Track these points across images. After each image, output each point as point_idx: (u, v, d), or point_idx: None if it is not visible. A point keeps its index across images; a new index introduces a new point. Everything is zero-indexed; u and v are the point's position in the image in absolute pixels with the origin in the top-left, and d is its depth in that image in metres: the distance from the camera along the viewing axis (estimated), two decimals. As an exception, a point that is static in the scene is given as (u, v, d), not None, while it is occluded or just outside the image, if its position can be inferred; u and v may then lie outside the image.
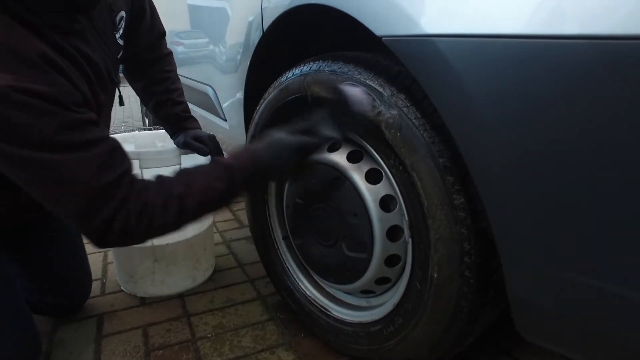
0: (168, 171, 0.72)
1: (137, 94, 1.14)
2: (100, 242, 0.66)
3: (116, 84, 0.87)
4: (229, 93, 1.31)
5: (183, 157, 1.11)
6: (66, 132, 0.58)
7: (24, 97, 0.54)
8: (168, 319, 1.10)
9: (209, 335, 1.03)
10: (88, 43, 0.71)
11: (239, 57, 1.17)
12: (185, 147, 1.09)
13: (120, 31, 0.85)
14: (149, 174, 1.06)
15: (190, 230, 1.19)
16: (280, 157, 0.71)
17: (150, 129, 1.47)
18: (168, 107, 1.10)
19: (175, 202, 0.66)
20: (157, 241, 1.14)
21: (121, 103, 0.94)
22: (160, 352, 0.98)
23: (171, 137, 1.14)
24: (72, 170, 0.59)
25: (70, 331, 1.06)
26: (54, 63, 0.60)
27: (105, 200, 0.62)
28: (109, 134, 0.67)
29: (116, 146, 0.66)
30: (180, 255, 1.20)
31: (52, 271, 1.04)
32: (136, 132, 1.34)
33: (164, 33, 1.08)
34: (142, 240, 0.69)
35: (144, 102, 1.16)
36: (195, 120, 1.15)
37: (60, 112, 0.58)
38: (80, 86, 0.65)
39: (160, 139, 1.31)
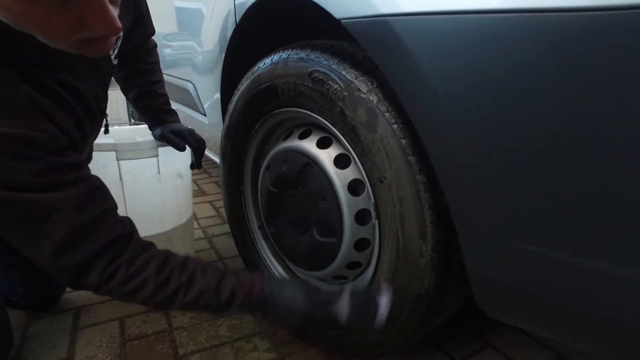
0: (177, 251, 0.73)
1: (118, 82, 1.13)
2: (73, 283, 0.64)
3: (104, 113, 0.86)
4: (208, 88, 1.32)
5: (160, 149, 1.11)
6: (48, 174, 0.59)
7: (11, 144, 0.55)
8: (145, 310, 1.09)
9: (186, 326, 1.03)
10: (78, 75, 0.69)
11: (216, 51, 1.18)
12: (162, 139, 1.10)
13: (116, 51, 0.83)
14: (125, 166, 1.08)
15: (169, 223, 1.19)
16: (288, 314, 0.72)
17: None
18: (148, 99, 1.10)
19: (169, 290, 0.66)
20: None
21: (106, 131, 0.93)
22: (136, 342, 0.98)
23: (149, 129, 1.15)
24: (50, 208, 0.59)
25: (45, 324, 1.05)
26: (42, 108, 0.60)
27: (85, 238, 0.61)
28: (90, 173, 0.67)
29: (98, 185, 0.66)
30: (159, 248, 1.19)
31: (28, 261, 1.03)
32: (116, 127, 1.33)
33: (153, 32, 1.07)
34: (115, 298, 0.68)
35: (124, 91, 1.15)
36: (175, 113, 1.16)
37: (44, 157, 0.58)
38: (67, 127, 0.65)
39: (139, 134, 1.31)
